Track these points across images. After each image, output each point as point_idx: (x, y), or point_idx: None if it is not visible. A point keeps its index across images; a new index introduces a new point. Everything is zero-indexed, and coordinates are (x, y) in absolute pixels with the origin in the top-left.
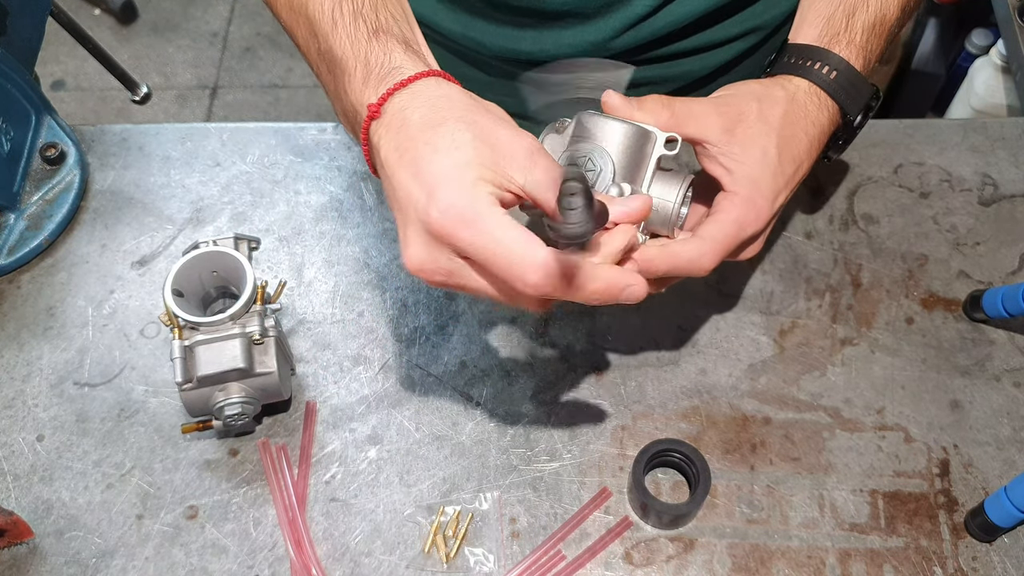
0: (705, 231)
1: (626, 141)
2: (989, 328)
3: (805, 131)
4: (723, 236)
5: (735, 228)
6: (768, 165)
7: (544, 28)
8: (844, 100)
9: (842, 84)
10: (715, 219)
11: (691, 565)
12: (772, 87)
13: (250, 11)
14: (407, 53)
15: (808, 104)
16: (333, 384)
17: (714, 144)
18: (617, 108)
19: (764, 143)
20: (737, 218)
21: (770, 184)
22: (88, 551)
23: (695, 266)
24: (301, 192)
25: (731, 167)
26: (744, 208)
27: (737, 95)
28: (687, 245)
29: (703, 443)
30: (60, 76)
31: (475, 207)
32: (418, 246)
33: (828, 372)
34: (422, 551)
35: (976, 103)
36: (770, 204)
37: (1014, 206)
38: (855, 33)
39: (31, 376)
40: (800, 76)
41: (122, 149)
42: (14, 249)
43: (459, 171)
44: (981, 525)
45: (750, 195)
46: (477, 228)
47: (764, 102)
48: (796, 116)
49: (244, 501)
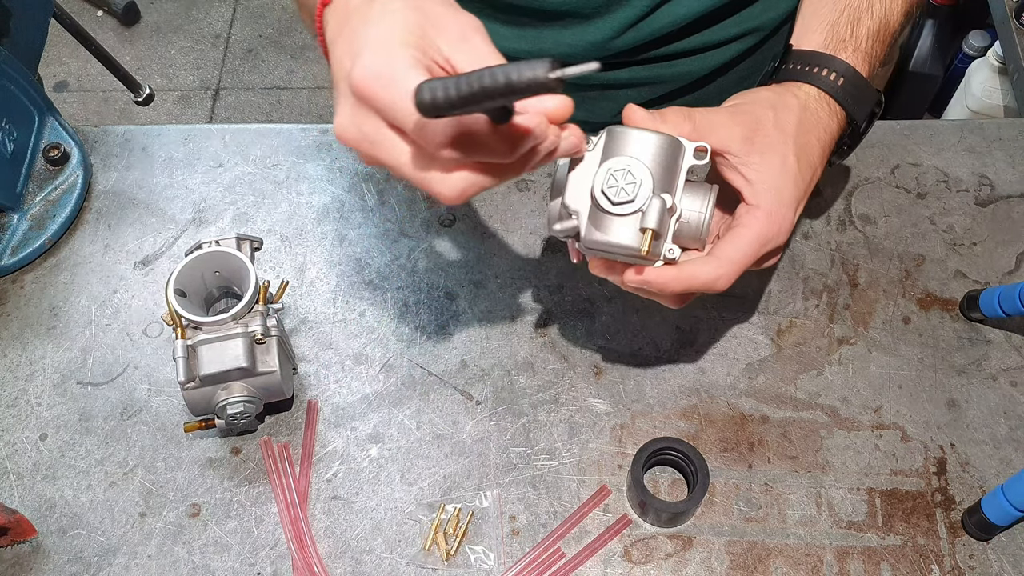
0: (723, 251)
1: (659, 152)
2: (986, 328)
3: (818, 138)
4: (742, 256)
5: (756, 245)
6: (788, 174)
7: (544, 28)
8: (851, 106)
9: (849, 91)
10: (735, 236)
11: (689, 563)
12: (784, 94)
13: (252, 13)
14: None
15: (819, 111)
16: (335, 383)
17: (734, 154)
18: (641, 122)
19: (783, 151)
20: (759, 234)
21: (792, 193)
22: (91, 549)
23: (712, 287)
24: (303, 193)
25: (752, 177)
26: (766, 223)
27: (752, 103)
28: (704, 267)
29: (701, 442)
30: (63, 77)
31: (393, 66)
32: (344, 113)
33: (825, 371)
34: (423, 549)
35: (973, 104)
36: (792, 213)
37: (1010, 206)
38: (860, 39)
39: (34, 375)
40: (809, 83)
41: (125, 150)
42: (17, 249)
43: (384, 36)
44: (978, 523)
45: (773, 207)
46: (394, 87)
47: (779, 110)
48: (810, 123)
49: (246, 499)
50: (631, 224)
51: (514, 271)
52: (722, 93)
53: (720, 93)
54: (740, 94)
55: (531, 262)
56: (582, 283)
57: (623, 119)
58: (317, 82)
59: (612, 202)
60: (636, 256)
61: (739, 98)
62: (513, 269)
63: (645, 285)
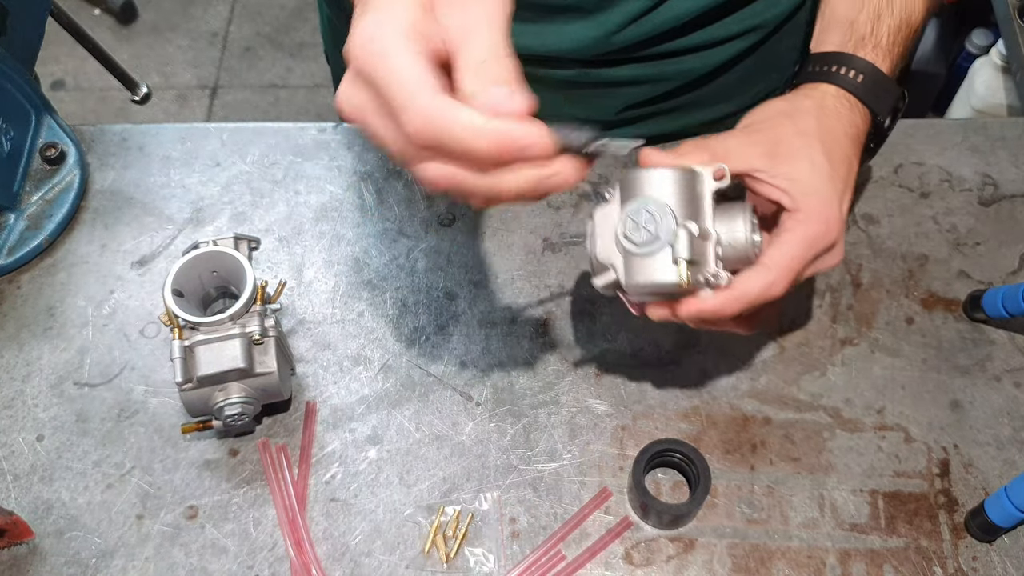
0: (769, 257)
1: (675, 185)
2: (989, 328)
3: (844, 132)
4: (789, 259)
5: (803, 246)
6: (820, 173)
7: (546, 22)
8: (872, 102)
9: (869, 87)
10: (780, 240)
11: (691, 565)
12: (797, 99)
13: (250, 11)
14: None
15: (839, 107)
16: (333, 384)
17: (761, 170)
18: (658, 163)
19: (808, 154)
20: (804, 235)
21: (830, 189)
22: (88, 551)
23: (767, 295)
24: (301, 192)
25: (786, 187)
26: (810, 224)
27: (766, 119)
28: (754, 276)
29: (703, 443)
30: (60, 76)
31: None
32: (345, 83)
33: (828, 372)
34: (422, 551)
35: (976, 103)
36: (838, 209)
37: (1014, 206)
38: (881, 36)
39: (31, 376)
40: (826, 82)
41: (122, 149)
42: (14, 249)
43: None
44: (981, 525)
45: (813, 207)
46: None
47: (795, 117)
48: (831, 121)
49: (244, 501)
50: (665, 260)
51: (514, 271)
52: (724, 90)
53: (722, 90)
54: (753, 111)
55: (531, 262)
56: (582, 283)
57: (639, 162)
58: (315, 80)
59: (637, 244)
60: (680, 289)
61: (752, 115)
62: (513, 269)
63: (701, 315)
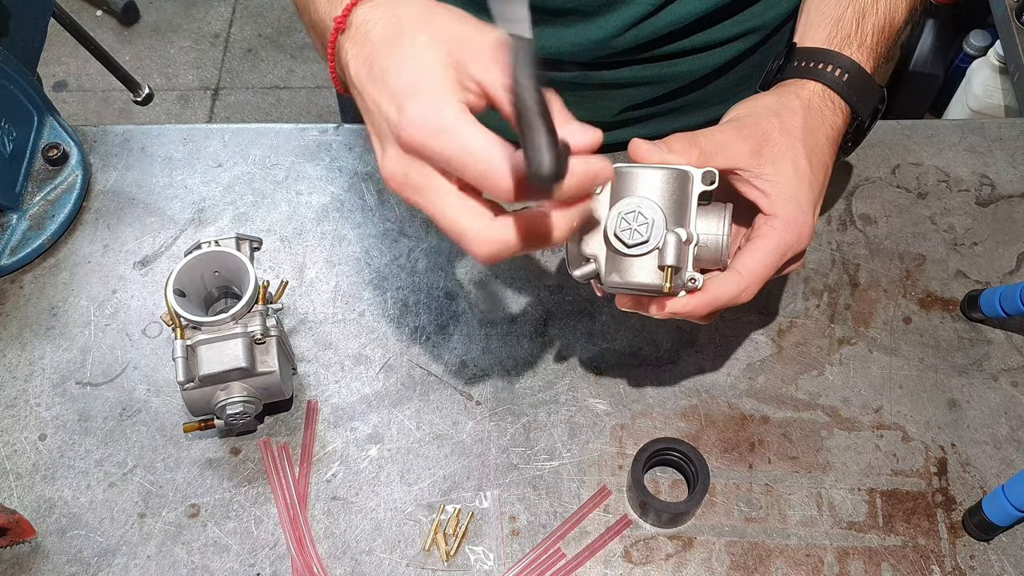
0: (744, 264)
1: (667, 186)
2: (987, 328)
3: (826, 135)
4: (762, 267)
5: (777, 255)
6: (802, 178)
7: (546, 26)
8: (855, 102)
9: (853, 86)
10: (755, 247)
11: (690, 563)
12: (786, 97)
13: (252, 12)
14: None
15: (824, 108)
16: (334, 383)
17: (745, 169)
18: (647, 155)
19: (793, 156)
20: (779, 243)
21: (807, 196)
22: (90, 550)
23: (736, 302)
24: (302, 192)
25: (767, 189)
26: (785, 232)
27: (754, 113)
28: (727, 283)
29: (702, 442)
30: (62, 77)
31: (443, 116)
32: (392, 158)
33: (826, 371)
34: (422, 549)
35: (974, 104)
36: (811, 217)
37: (1011, 206)
38: (866, 36)
39: (33, 375)
40: (811, 79)
41: (124, 150)
42: (16, 249)
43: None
44: (979, 524)
45: (791, 215)
46: (448, 137)
47: (783, 115)
48: (815, 123)
49: (246, 500)
50: (649, 263)
51: (514, 271)
52: (723, 92)
53: (721, 92)
54: (741, 104)
55: (531, 262)
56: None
57: (628, 153)
58: (316, 81)
59: (627, 245)
60: (659, 292)
61: (740, 108)
62: (513, 269)
63: (672, 315)
